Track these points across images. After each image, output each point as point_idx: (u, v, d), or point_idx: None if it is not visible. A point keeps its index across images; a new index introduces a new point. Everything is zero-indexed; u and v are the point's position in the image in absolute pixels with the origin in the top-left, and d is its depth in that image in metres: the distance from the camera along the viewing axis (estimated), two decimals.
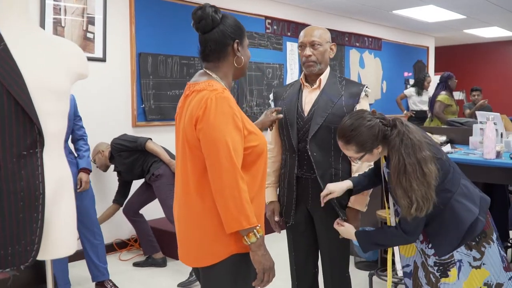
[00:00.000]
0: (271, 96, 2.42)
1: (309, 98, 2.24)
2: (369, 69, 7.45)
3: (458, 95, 9.76)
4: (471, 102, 7.42)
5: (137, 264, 3.95)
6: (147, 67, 4.49)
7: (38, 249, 1.43)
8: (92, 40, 4.09)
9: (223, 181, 1.48)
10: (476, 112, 3.64)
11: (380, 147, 1.84)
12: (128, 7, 4.35)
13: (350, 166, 2.20)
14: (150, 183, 3.79)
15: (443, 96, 5.95)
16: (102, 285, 3.33)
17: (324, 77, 2.24)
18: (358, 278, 3.45)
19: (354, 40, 7.10)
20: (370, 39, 7.44)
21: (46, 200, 1.43)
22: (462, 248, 1.84)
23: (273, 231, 2.42)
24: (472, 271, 1.85)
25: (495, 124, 3.07)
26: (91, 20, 4.06)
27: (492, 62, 10.36)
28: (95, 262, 3.28)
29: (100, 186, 4.16)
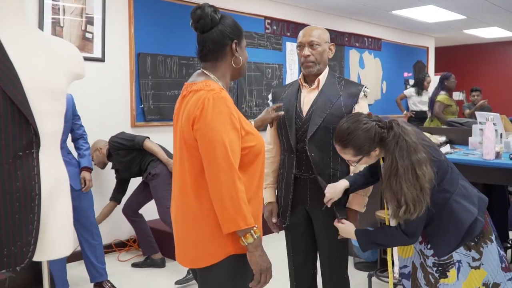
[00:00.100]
0: (270, 96, 2.42)
1: (307, 98, 2.24)
2: (369, 69, 7.44)
3: (458, 95, 9.75)
4: (470, 102, 7.41)
5: (135, 265, 3.94)
6: (146, 67, 4.48)
7: (34, 250, 1.41)
8: (91, 40, 4.08)
9: (220, 181, 1.47)
10: (476, 113, 3.63)
11: (378, 150, 1.83)
12: (127, 7, 4.34)
13: (348, 166, 2.19)
14: (147, 181, 3.78)
15: (442, 96, 5.94)
16: (100, 285, 3.32)
17: (322, 77, 2.23)
18: (358, 279, 3.44)
19: (353, 40, 7.09)
20: (370, 39, 7.43)
21: (42, 201, 1.42)
22: (461, 249, 1.84)
23: (271, 232, 2.41)
24: (471, 272, 1.85)
25: (495, 125, 3.06)
26: (90, 20, 4.05)
27: (492, 63, 10.35)
28: (94, 262, 3.27)
29: (97, 184, 4.14)
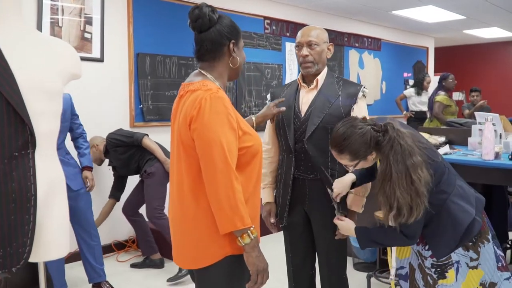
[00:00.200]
0: (268, 96, 2.41)
1: (306, 98, 2.23)
2: (368, 69, 7.43)
3: (458, 95, 9.74)
4: (470, 102, 7.40)
5: (134, 265, 3.93)
6: (145, 67, 4.47)
7: (30, 251, 1.41)
8: (89, 40, 4.07)
9: (217, 181, 1.47)
10: (475, 113, 3.62)
11: (374, 153, 1.82)
12: (126, 7, 4.34)
13: None
14: (142, 179, 3.77)
15: (441, 96, 5.93)
16: (98, 286, 3.32)
17: (321, 77, 2.23)
18: (357, 280, 3.43)
19: (353, 40, 7.08)
20: (370, 39, 7.43)
21: (38, 201, 1.41)
22: (460, 249, 1.83)
23: (269, 232, 2.40)
24: (469, 272, 1.84)
25: (494, 125, 3.05)
26: (88, 20, 4.05)
27: (491, 63, 10.34)
28: (92, 263, 3.26)
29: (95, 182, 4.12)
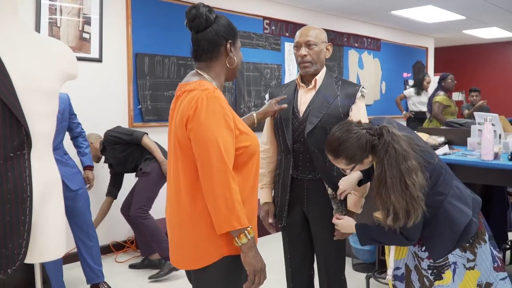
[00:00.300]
0: (267, 96, 2.40)
1: (304, 98, 2.22)
2: (368, 70, 7.43)
3: (458, 95, 9.74)
4: (469, 103, 7.40)
5: (133, 266, 3.92)
6: (144, 67, 4.47)
7: (25, 252, 1.40)
8: (88, 41, 4.06)
9: (214, 181, 1.46)
10: (474, 113, 3.61)
11: (370, 157, 1.81)
12: (124, 7, 4.33)
13: None
14: (137, 177, 3.76)
15: (441, 97, 5.93)
16: (97, 287, 3.31)
17: (319, 77, 2.22)
18: (356, 280, 3.42)
19: (352, 40, 7.08)
20: (369, 39, 7.42)
21: (34, 202, 1.40)
22: (457, 250, 1.83)
23: (268, 233, 2.40)
24: (466, 273, 1.84)
25: (493, 125, 3.04)
26: (87, 20, 4.04)
27: (491, 63, 10.34)
28: (90, 264, 3.25)
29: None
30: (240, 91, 5.38)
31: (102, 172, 4.12)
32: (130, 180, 3.98)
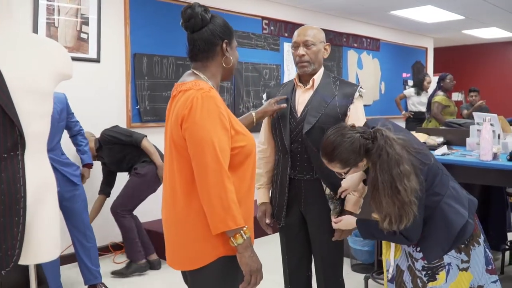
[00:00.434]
0: (264, 96, 2.39)
1: (302, 98, 2.21)
2: (367, 70, 7.42)
3: (457, 96, 9.73)
4: (469, 103, 7.39)
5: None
6: (142, 67, 4.45)
7: (19, 253, 1.39)
8: (86, 41, 4.05)
9: (209, 181, 1.45)
10: (473, 113, 3.60)
11: (365, 160, 1.80)
12: (122, 7, 4.32)
13: None
14: (130, 175, 3.75)
15: (440, 97, 5.92)
16: None
17: (317, 77, 2.21)
18: (355, 281, 3.41)
19: (352, 40, 7.07)
20: (368, 39, 7.41)
21: (28, 203, 1.39)
22: (452, 251, 1.81)
23: (265, 234, 2.39)
24: (459, 274, 1.83)
25: (492, 125, 3.02)
26: (85, 20, 4.03)
27: (490, 63, 10.33)
28: (88, 265, 3.24)
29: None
30: (239, 91, 5.37)
31: (95, 170, 4.09)
32: (123, 179, 3.95)
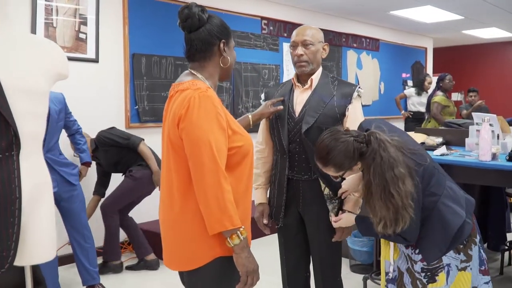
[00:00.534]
0: (262, 96, 2.39)
1: (300, 98, 2.20)
2: (366, 70, 7.41)
3: (457, 96, 9.72)
4: (468, 103, 7.38)
5: (129, 268, 3.89)
6: (140, 68, 4.45)
7: (14, 254, 1.38)
8: (84, 41, 4.04)
9: (205, 181, 1.45)
10: (472, 113, 3.59)
11: (359, 164, 1.80)
12: (121, 7, 4.31)
13: None
14: (124, 176, 3.74)
15: (439, 97, 5.91)
16: None
17: (316, 77, 2.20)
18: (354, 282, 3.40)
19: (351, 41, 7.06)
20: (368, 40, 7.40)
21: (23, 204, 1.38)
22: (451, 252, 1.81)
23: (263, 235, 2.38)
24: (458, 274, 1.82)
25: (491, 126, 3.02)
26: (83, 20, 4.02)
27: (490, 63, 10.32)
28: (86, 265, 3.23)
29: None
30: (238, 91, 5.36)
31: (90, 170, 4.08)
32: (118, 179, 3.94)
